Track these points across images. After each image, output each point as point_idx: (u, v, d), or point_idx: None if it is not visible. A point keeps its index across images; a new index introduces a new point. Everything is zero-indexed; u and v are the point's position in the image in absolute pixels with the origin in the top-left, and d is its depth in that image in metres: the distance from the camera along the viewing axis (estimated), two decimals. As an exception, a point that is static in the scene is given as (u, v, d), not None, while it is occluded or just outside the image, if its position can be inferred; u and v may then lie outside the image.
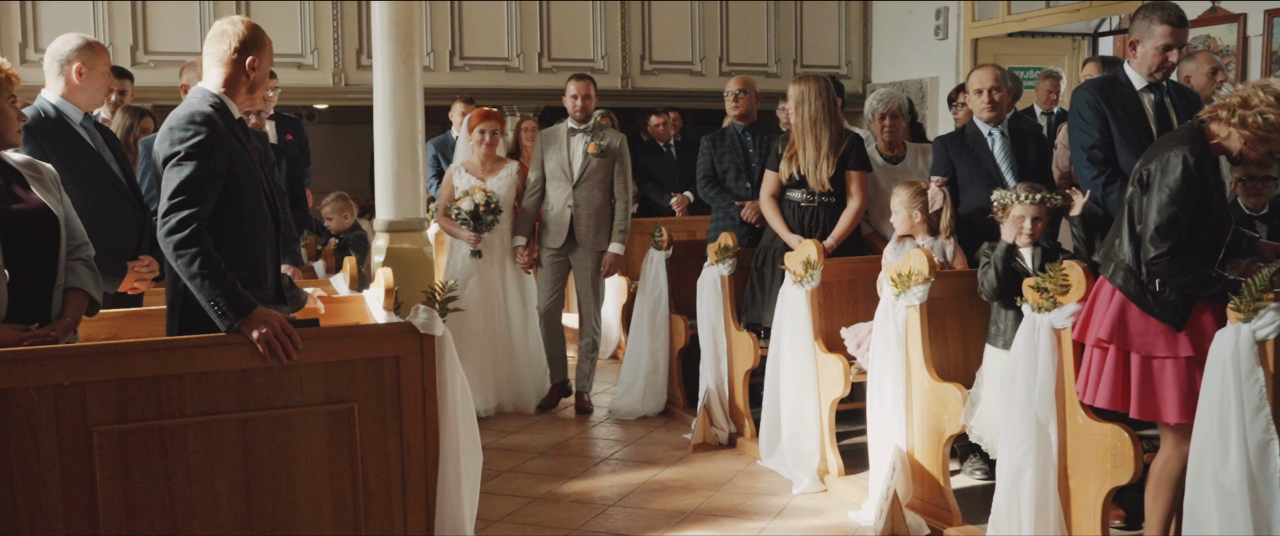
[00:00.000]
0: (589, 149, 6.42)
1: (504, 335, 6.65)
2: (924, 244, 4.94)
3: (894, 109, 5.87)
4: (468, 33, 9.81)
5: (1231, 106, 3.54)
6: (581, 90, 6.50)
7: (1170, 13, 4.30)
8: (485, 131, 6.60)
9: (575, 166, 6.47)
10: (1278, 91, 3.49)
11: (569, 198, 6.45)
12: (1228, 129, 3.56)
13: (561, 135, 6.55)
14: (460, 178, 6.60)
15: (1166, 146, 3.63)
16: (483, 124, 6.64)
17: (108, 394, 2.91)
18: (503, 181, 6.61)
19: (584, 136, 6.49)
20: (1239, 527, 3.24)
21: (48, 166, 3.41)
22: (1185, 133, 3.66)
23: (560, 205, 6.49)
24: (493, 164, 6.67)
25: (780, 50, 10.86)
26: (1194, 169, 3.52)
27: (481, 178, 6.58)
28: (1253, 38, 7.25)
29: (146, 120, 5.72)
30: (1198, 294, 3.56)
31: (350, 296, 4.52)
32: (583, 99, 6.47)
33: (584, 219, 6.49)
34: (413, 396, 3.24)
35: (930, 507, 4.53)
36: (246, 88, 3.35)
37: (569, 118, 6.57)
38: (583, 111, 6.48)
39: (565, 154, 6.50)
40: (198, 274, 3.03)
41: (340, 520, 3.19)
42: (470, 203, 6.39)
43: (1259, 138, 3.51)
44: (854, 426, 5.54)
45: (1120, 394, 3.64)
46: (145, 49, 8.86)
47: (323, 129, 11.54)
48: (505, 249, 6.65)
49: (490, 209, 6.37)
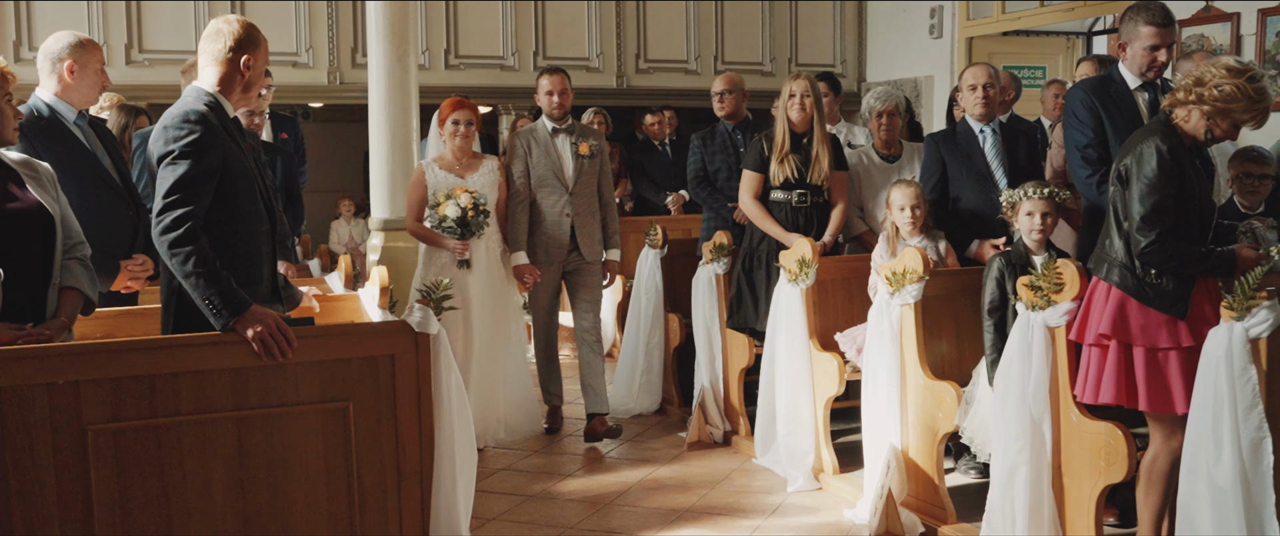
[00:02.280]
0: (581, 150, 5.94)
1: (489, 357, 5.82)
2: (916, 243, 4.95)
3: (891, 107, 5.88)
4: (463, 31, 9.80)
5: (1187, 87, 3.61)
6: (557, 85, 5.92)
7: (1155, 13, 4.31)
8: (460, 122, 5.77)
9: (568, 171, 5.93)
10: (1228, 64, 3.56)
11: (566, 205, 5.91)
12: (1189, 110, 3.62)
13: (544, 136, 5.95)
14: (435, 175, 5.76)
15: (1138, 140, 3.68)
16: (456, 113, 5.80)
17: (102, 392, 2.91)
18: (485, 179, 5.81)
19: (567, 136, 5.97)
20: (1232, 525, 3.26)
21: (45, 165, 3.41)
22: (1154, 125, 3.72)
23: (556, 214, 5.91)
24: (469, 159, 5.86)
25: (775, 49, 10.86)
26: (1168, 155, 3.56)
27: (460, 175, 5.79)
28: (1246, 36, 7.26)
29: (141, 119, 5.72)
30: (1194, 272, 3.59)
31: (345, 295, 4.52)
32: (560, 95, 5.92)
33: (584, 226, 5.98)
34: (408, 395, 3.24)
35: (925, 505, 4.54)
36: (241, 87, 3.36)
37: (543, 116, 6.02)
38: (560, 108, 5.93)
39: (555, 157, 5.92)
40: (192, 272, 3.04)
41: (335, 518, 3.19)
42: (456, 207, 5.61)
43: (1219, 110, 3.56)
44: (849, 424, 5.55)
45: (1125, 389, 3.65)
46: (140, 47, 8.85)
47: (318, 127, 11.53)
48: (491, 258, 5.84)
49: (480, 211, 5.64)
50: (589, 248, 5.99)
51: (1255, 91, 3.51)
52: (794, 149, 5.49)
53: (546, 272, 5.98)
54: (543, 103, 5.97)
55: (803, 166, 5.50)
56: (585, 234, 5.97)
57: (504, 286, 5.90)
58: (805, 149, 5.51)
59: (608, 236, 6.11)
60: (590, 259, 6.01)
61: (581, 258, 5.99)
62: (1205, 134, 3.61)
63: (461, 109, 5.81)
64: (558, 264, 5.99)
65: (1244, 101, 3.52)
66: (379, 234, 7.00)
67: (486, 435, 5.77)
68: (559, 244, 5.94)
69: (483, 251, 5.79)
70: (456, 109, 5.80)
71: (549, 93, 5.93)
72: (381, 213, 7.02)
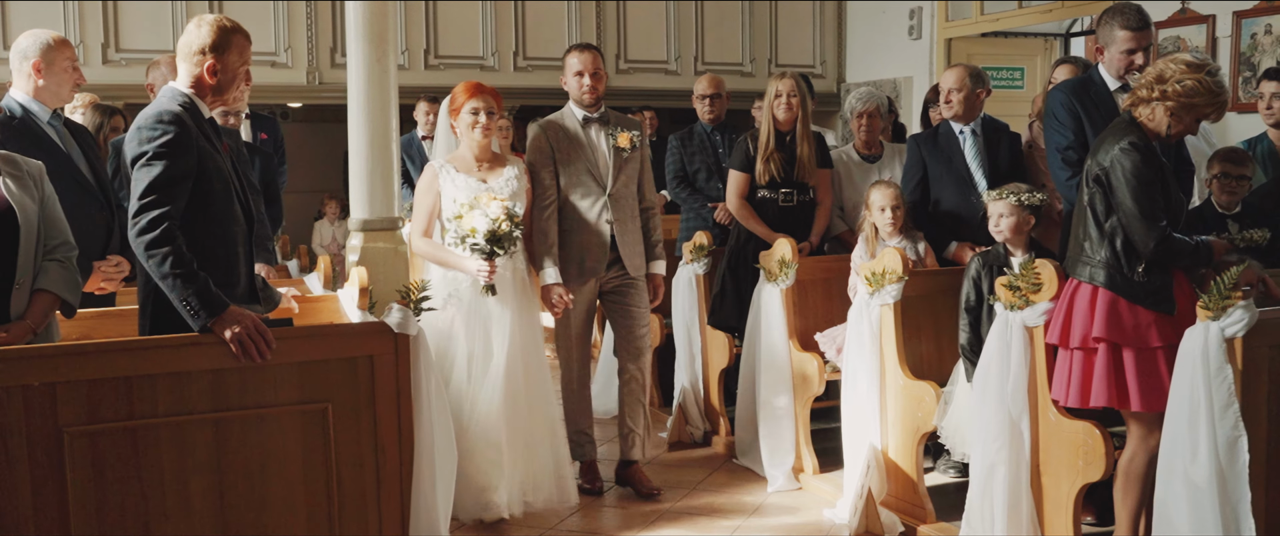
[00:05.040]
0: (619, 143, 4.94)
1: (520, 405, 4.62)
2: (896, 243, 4.96)
3: (872, 108, 5.90)
4: (442, 32, 9.77)
5: (1149, 84, 3.67)
6: (588, 63, 4.88)
7: (1130, 17, 4.35)
8: (481, 111, 4.63)
9: (607, 168, 4.96)
10: (1187, 60, 3.63)
11: (606, 209, 4.93)
12: (1152, 108, 3.67)
13: (574, 128, 4.95)
14: (452, 180, 4.62)
15: (1108, 142, 3.72)
16: (476, 100, 4.64)
17: (79, 394, 2.89)
18: (510, 184, 4.70)
19: (602, 127, 4.98)
20: (1208, 523, 3.28)
21: (33, 163, 3.38)
22: (1120, 125, 3.76)
23: (593, 220, 4.90)
24: (492, 159, 4.76)
25: (755, 49, 10.87)
26: (1144, 150, 3.62)
27: (482, 179, 4.66)
28: (1221, 39, 7.31)
29: (117, 118, 5.68)
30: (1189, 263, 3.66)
31: (324, 295, 4.50)
32: (592, 76, 4.89)
33: (626, 234, 4.97)
34: (387, 396, 3.23)
35: (904, 505, 4.56)
36: (214, 88, 3.29)
37: (571, 103, 5.00)
38: (593, 93, 4.91)
39: (590, 153, 4.94)
40: (169, 274, 3.02)
41: (314, 520, 3.18)
42: (485, 221, 4.36)
43: (1183, 106, 3.62)
44: (829, 424, 5.56)
45: (1116, 390, 3.66)
46: (117, 47, 8.78)
47: (297, 127, 11.47)
48: (520, 281, 4.70)
49: (515, 223, 4.45)
50: (633, 259, 4.99)
51: (1215, 85, 3.60)
52: (779, 148, 5.51)
53: (579, 293, 4.96)
54: (571, 86, 4.96)
55: (788, 165, 5.51)
56: (628, 243, 4.97)
57: (535, 317, 4.80)
58: (790, 148, 5.52)
59: (650, 246, 5.12)
60: (634, 274, 5.02)
61: (623, 272, 4.99)
62: (1168, 131, 3.66)
63: (481, 95, 4.67)
64: (594, 281, 4.99)
65: (1205, 95, 3.60)
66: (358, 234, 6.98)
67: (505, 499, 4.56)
68: (596, 256, 4.92)
69: (510, 274, 4.65)
70: (475, 95, 4.67)
71: (579, 73, 4.91)
72: (361, 213, 6.99)
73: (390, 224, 6.84)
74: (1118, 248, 3.66)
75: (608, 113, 5.03)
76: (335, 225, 10.74)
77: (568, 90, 4.98)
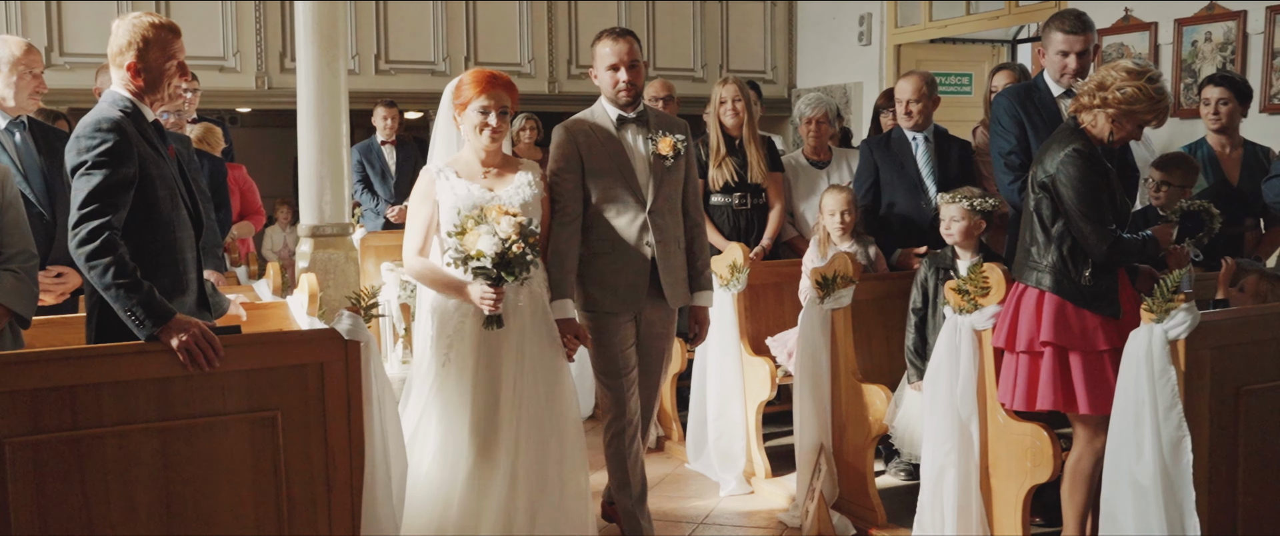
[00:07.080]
0: (661, 149, 4.11)
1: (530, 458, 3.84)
2: (846, 247, 5.00)
3: (820, 115, 5.94)
4: (393, 35, 9.70)
5: (1090, 91, 3.73)
6: (624, 54, 4.04)
7: (1066, 20, 4.43)
8: (491, 111, 3.82)
9: (646, 180, 4.12)
10: (1127, 67, 3.69)
11: (647, 229, 4.10)
12: (1094, 114, 3.73)
13: (605, 129, 4.10)
14: (453, 187, 3.83)
15: (1053, 148, 3.78)
16: (486, 96, 3.82)
17: (21, 404, 2.84)
18: (521, 192, 3.89)
19: (640, 129, 4.14)
20: (1153, 523, 3.32)
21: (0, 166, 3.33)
22: (1064, 132, 3.82)
23: (635, 240, 4.08)
24: (501, 164, 3.96)
25: (707, 54, 10.91)
26: (1089, 156, 3.68)
27: (489, 188, 3.87)
28: (1163, 46, 7.44)
29: (60, 123, 5.58)
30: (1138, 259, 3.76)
31: (273, 302, 4.46)
32: (629, 69, 4.04)
33: (668, 258, 4.13)
34: (337, 403, 3.20)
35: (856, 508, 4.58)
36: (144, 87, 3.23)
37: (602, 101, 4.16)
38: (630, 90, 4.07)
39: (624, 160, 4.09)
40: (112, 284, 2.96)
41: (263, 530, 3.14)
42: (494, 240, 3.59)
43: (1124, 112, 3.68)
44: (780, 428, 5.58)
45: (1063, 393, 3.72)
46: (61, 50, 8.64)
47: (246, 133, 11.36)
48: (537, 312, 3.89)
49: (528, 243, 3.64)
50: (674, 288, 4.17)
51: (1156, 91, 3.66)
52: (730, 152, 5.54)
53: (622, 327, 4.14)
54: (603, 81, 4.12)
55: (740, 169, 5.55)
56: (670, 269, 4.14)
57: (554, 354, 3.93)
58: (740, 152, 5.56)
59: (696, 273, 4.31)
60: (672, 305, 4.22)
61: (660, 303, 4.19)
62: (1109, 136, 3.72)
63: (493, 90, 3.83)
64: (633, 313, 4.17)
65: (1146, 102, 3.66)
66: (308, 240, 6.92)
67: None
68: (635, 284, 4.11)
69: (525, 303, 3.87)
70: (485, 91, 3.82)
71: (613, 66, 4.06)
72: (310, 219, 6.94)
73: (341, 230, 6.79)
74: (1065, 253, 3.72)
75: (646, 112, 4.18)
76: (286, 231, 10.64)
77: (599, 86, 4.15)
